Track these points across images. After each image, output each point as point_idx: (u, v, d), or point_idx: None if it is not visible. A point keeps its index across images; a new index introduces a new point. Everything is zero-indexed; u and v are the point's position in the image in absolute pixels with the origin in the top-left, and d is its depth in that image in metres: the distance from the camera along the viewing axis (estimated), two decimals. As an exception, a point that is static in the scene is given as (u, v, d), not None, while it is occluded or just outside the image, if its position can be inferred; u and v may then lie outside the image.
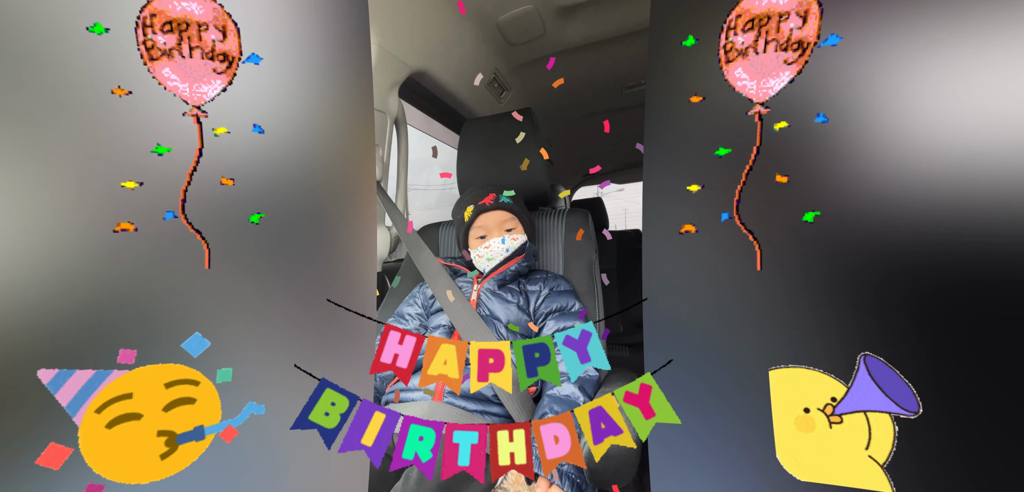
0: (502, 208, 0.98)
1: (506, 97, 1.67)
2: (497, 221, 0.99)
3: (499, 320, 0.92)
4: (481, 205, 0.98)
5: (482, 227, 0.99)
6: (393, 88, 1.21)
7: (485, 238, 0.98)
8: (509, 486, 0.69)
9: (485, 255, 0.97)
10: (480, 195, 0.99)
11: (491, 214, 0.99)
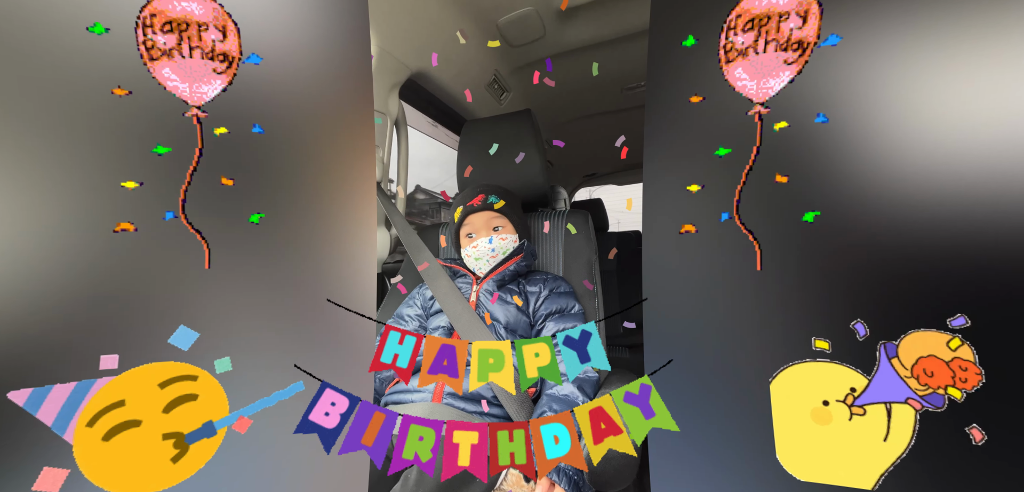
0: (489, 208, 0.99)
1: (506, 98, 1.67)
2: (484, 221, 1.00)
3: (498, 320, 0.92)
4: (469, 206, 1.00)
5: (470, 226, 1.00)
6: (393, 89, 1.21)
7: (472, 237, 0.99)
8: (509, 486, 0.69)
9: (473, 255, 0.99)
10: (469, 196, 1.01)
11: (479, 215, 1.00)
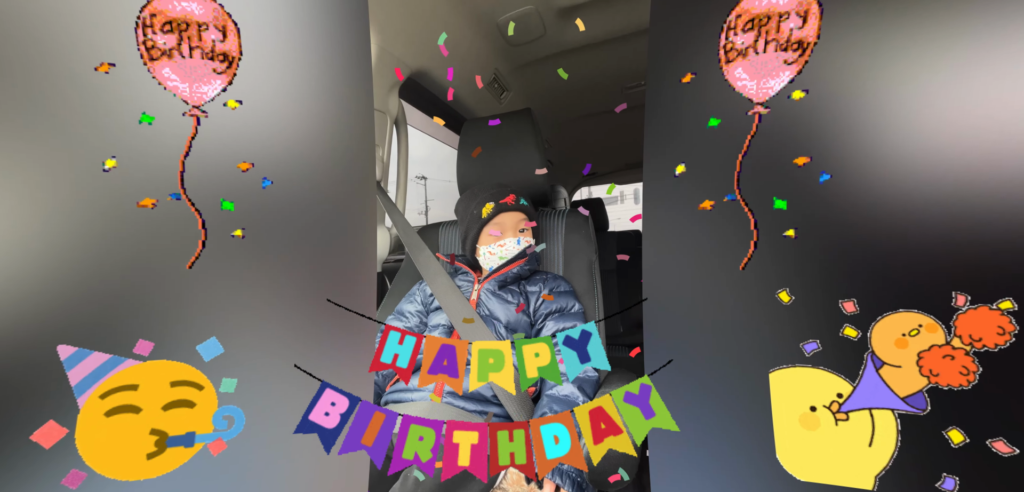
0: (522, 209, 0.99)
1: (506, 97, 1.67)
2: (514, 221, 0.99)
3: (499, 320, 0.92)
4: (503, 203, 0.98)
5: (499, 225, 0.98)
6: (393, 88, 1.21)
7: (499, 235, 0.98)
8: (508, 486, 0.69)
9: (498, 253, 0.97)
10: (500, 194, 0.99)
11: (511, 214, 0.99)
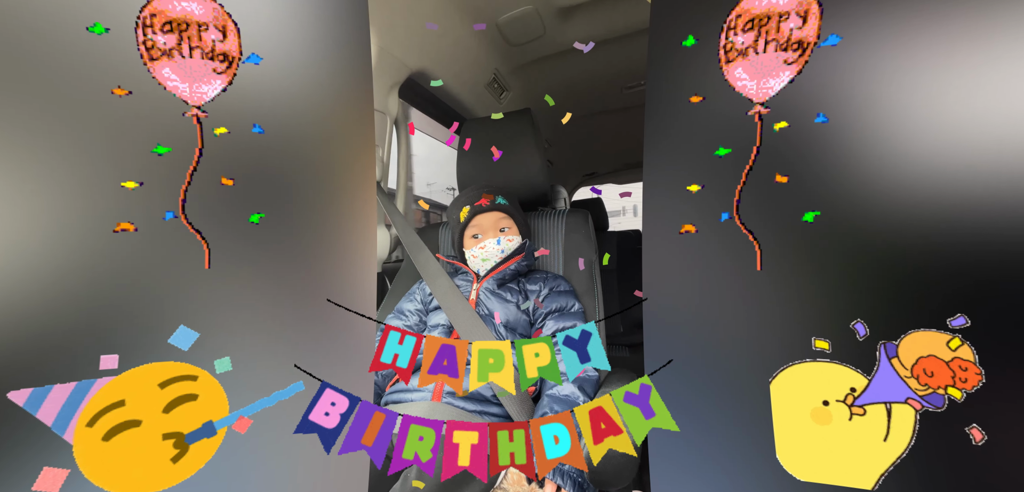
0: (498, 209, 0.99)
1: (506, 98, 1.67)
2: (492, 222, 0.99)
3: (498, 319, 0.92)
4: (477, 206, 0.98)
5: (477, 227, 0.99)
6: (393, 88, 1.21)
7: (479, 238, 0.98)
8: (508, 486, 0.69)
9: (480, 255, 0.98)
10: (475, 196, 1.00)
11: (486, 215, 0.99)
